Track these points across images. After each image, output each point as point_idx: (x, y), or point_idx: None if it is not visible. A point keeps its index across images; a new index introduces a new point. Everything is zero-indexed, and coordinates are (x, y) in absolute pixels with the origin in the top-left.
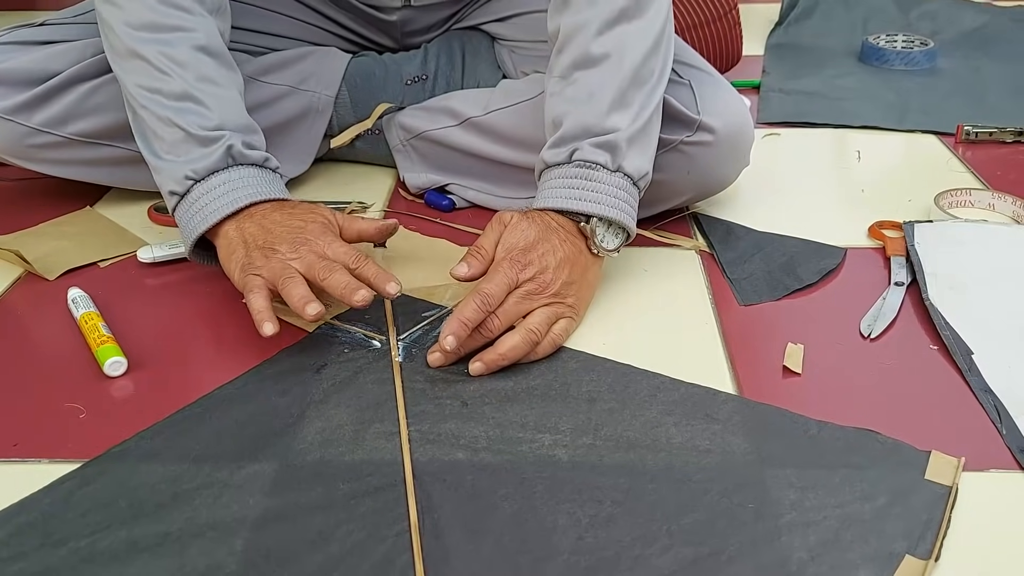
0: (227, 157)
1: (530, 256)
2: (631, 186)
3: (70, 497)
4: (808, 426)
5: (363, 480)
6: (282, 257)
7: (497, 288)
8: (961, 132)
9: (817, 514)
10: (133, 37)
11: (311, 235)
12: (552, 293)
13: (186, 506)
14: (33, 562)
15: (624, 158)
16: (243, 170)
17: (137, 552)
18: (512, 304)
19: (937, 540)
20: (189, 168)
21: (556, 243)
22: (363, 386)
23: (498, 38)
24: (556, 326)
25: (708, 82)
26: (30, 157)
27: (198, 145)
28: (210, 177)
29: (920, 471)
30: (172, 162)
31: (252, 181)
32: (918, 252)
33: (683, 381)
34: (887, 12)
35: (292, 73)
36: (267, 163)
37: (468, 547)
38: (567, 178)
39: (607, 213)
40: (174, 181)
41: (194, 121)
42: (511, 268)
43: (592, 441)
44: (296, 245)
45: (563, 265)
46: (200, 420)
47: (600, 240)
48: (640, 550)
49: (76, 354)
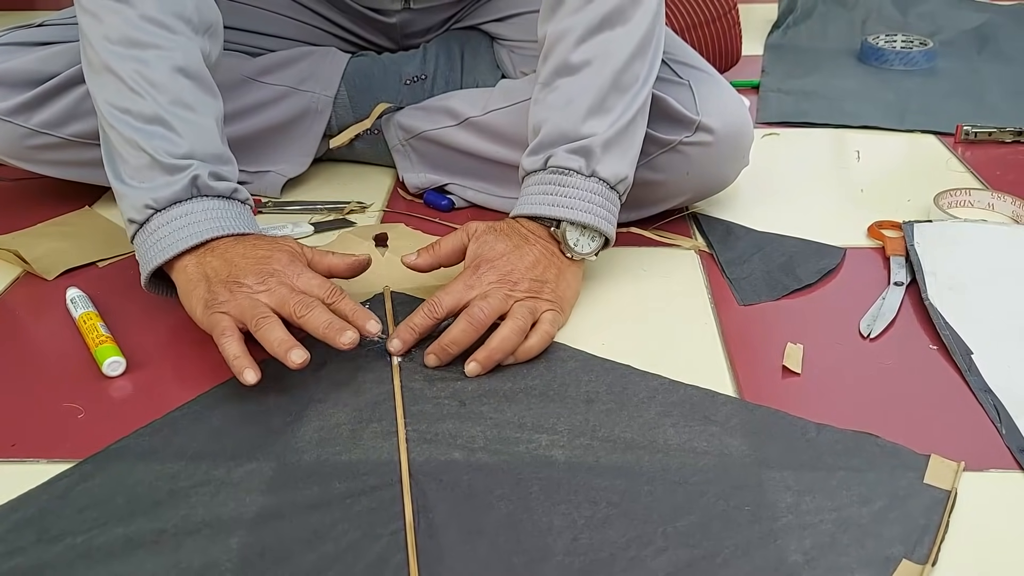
0: (192, 188)
1: (495, 263)
2: (608, 191)
3: (67, 493)
4: (807, 429)
5: (359, 479)
6: (248, 291)
7: (448, 297)
8: (960, 132)
9: (814, 517)
10: (109, 51)
11: (278, 265)
12: (524, 289)
13: (183, 504)
14: (29, 557)
15: (599, 163)
16: (207, 202)
17: (133, 549)
18: (495, 298)
19: (935, 545)
20: (150, 196)
21: (526, 249)
22: (362, 386)
23: (497, 38)
24: (543, 318)
25: (707, 82)
26: (29, 158)
27: (163, 173)
28: (171, 208)
29: (919, 475)
30: (135, 188)
31: (216, 214)
32: (917, 252)
33: (682, 383)
34: (885, 12)
35: (291, 73)
36: (235, 195)
37: (463, 547)
38: (542, 184)
39: (578, 218)
40: (134, 208)
41: (161, 147)
42: (469, 276)
43: (589, 442)
44: (263, 276)
45: (534, 266)
46: (198, 418)
47: (574, 244)
48: (635, 552)
49: (75, 354)
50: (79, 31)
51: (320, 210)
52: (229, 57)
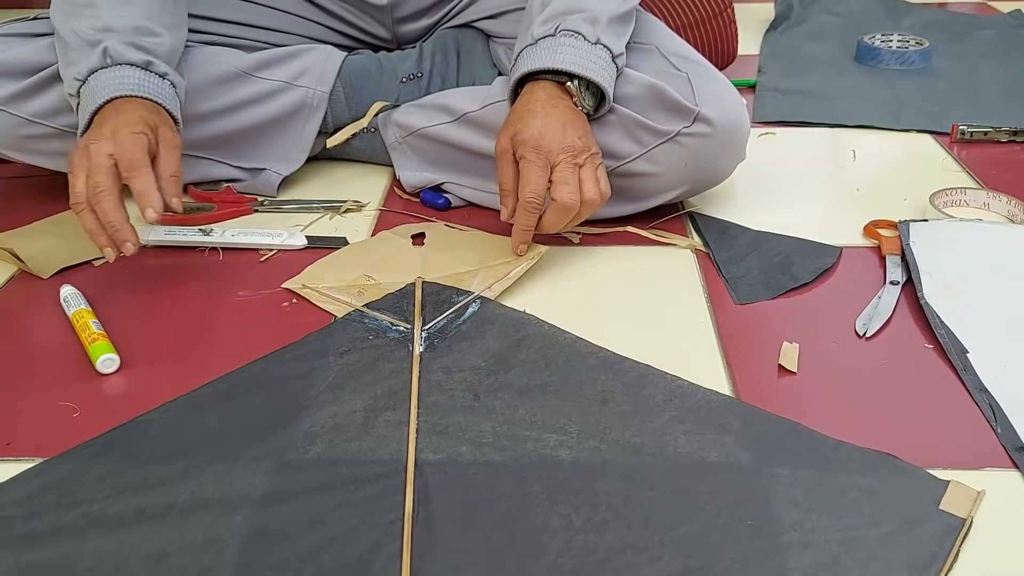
0: (104, 57)
1: (545, 139)
2: (610, 61)
3: (88, 463)
4: (824, 444)
5: (366, 467)
6: (82, 149)
7: (536, 186)
8: (956, 132)
9: (818, 536)
10: None
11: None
12: (581, 150)
13: (194, 480)
14: (45, 522)
15: (602, 33)
16: (120, 70)
17: (142, 520)
18: (570, 175)
19: (941, 573)
20: (75, 71)
21: (556, 115)
22: (381, 374)
23: (492, 35)
24: (601, 180)
25: (704, 75)
26: (22, 148)
27: (87, 48)
28: (90, 78)
29: (935, 500)
30: (69, 66)
31: (123, 81)
32: (913, 251)
33: (701, 387)
34: (879, 22)
35: (287, 69)
36: (151, 67)
37: (457, 540)
38: (555, 46)
39: (590, 74)
40: (68, 85)
41: (86, 24)
42: (537, 159)
43: (598, 444)
44: (96, 139)
45: (570, 126)
46: (223, 396)
47: (584, 99)
48: (629, 557)
49: (69, 352)
50: None
51: (316, 209)
52: (224, 52)
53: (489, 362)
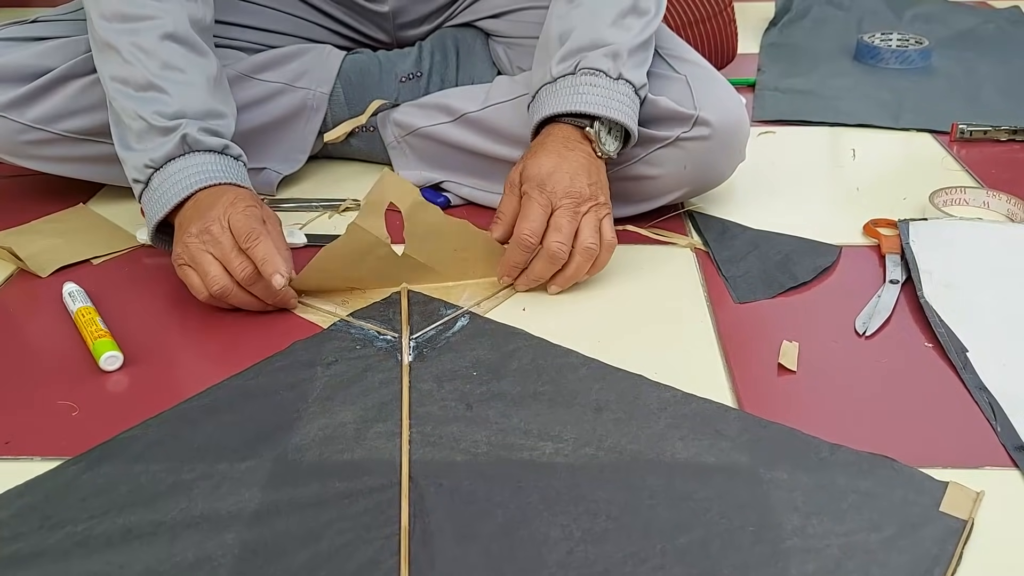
0: (183, 145)
1: (552, 180)
2: (633, 94)
3: (73, 481)
4: (820, 448)
5: (360, 479)
6: (191, 239)
7: (533, 224)
8: (956, 131)
9: (819, 541)
10: (107, 29)
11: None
12: (587, 198)
13: (183, 497)
14: (29, 543)
15: (624, 66)
16: (199, 157)
17: (130, 540)
18: (566, 223)
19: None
20: (148, 157)
21: (571, 158)
22: (370, 385)
23: (493, 34)
24: (604, 230)
25: (703, 77)
26: (23, 154)
27: (158, 135)
28: (167, 165)
29: (935, 502)
30: (136, 152)
31: (202, 168)
32: (913, 250)
33: (694, 395)
34: (880, 14)
35: (286, 70)
36: (227, 150)
37: (455, 553)
38: (575, 85)
39: (613, 115)
40: (136, 170)
41: (155, 110)
42: (539, 198)
43: (594, 452)
44: (207, 224)
45: (582, 172)
46: (208, 411)
47: (603, 144)
48: (631, 568)
49: (70, 350)
50: (85, 12)
51: (315, 208)
52: (224, 54)
53: (480, 372)
